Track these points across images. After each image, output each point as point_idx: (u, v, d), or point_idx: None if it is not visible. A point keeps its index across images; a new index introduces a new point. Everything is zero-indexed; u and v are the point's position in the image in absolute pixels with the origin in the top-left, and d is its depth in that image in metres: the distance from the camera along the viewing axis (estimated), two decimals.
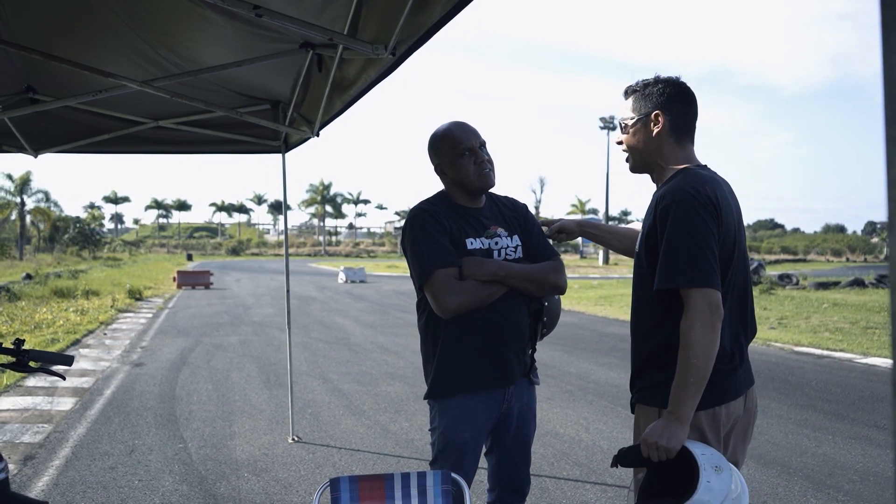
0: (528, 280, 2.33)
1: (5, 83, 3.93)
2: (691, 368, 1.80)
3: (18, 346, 2.25)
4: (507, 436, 2.43)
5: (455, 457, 2.33)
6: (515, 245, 2.40)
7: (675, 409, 1.82)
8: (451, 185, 2.41)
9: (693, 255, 1.81)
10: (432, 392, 2.37)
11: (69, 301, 16.64)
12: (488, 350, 2.31)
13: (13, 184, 49.69)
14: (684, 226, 1.83)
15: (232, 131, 4.88)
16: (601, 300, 18.80)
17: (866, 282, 23.08)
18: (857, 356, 9.41)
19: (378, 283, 27.34)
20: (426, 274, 2.26)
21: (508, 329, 2.33)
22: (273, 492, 4.16)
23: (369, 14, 2.65)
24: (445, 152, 2.37)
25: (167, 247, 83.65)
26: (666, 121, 1.99)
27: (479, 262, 2.28)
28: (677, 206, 1.85)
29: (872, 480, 4.39)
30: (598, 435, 5.41)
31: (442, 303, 2.23)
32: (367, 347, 10.04)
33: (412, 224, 2.35)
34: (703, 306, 1.80)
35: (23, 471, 4.50)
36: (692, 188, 1.86)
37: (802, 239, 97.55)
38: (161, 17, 3.04)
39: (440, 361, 2.33)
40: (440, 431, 2.35)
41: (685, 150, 2.03)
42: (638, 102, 2.03)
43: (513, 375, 2.36)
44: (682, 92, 2.02)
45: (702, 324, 1.79)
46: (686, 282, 1.81)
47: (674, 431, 1.82)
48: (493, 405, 2.36)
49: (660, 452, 1.83)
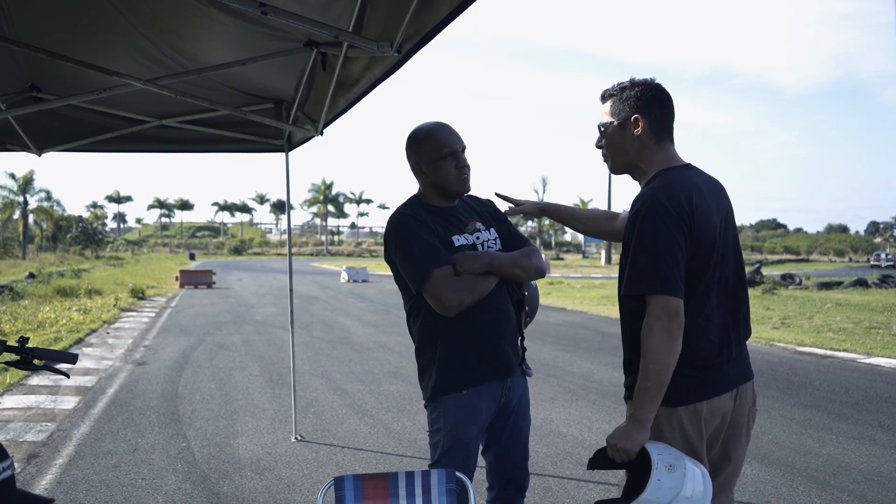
0: (518, 266, 2.39)
1: (9, 82, 3.93)
2: (649, 373, 1.86)
3: (23, 343, 2.25)
4: (504, 431, 2.44)
5: (462, 455, 2.33)
6: (494, 237, 2.46)
7: (635, 411, 1.89)
8: (428, 186, 2.42)
9: (655, 262, 1.86)
10: (435, 394, 2.36)
11: (72, 300, 16.67)
12: (487, 344, 2.34)
13: (16, 183, 49.80)
14: (649, 234, 1.88)
15: (235, 130, 4.88)
16: (603, 300, 18.78)
17: (869, 282, 23.03)
18: (860, 356, 9.39)
19: (380, 282, 27.33)
20: (423, 276, 2.25)
21: (503, 321, 2.38)
22: (276, 490, 4.15)
23: (374, 12, 2.65)
24: (427, 152, 2.37)
25: (170, 246, 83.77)
26: (645, 124, 2.02)
27: (472, 257, 2.32)
28: (644, 215, 1.90)
29: (877, 481, 4.38)
30: (601, 434, 5.40)
31: (445, 301, 2.24)
32: (369, 347, 10.04)
33: (397, 230, 2.33)
34: (661, 313, 1.85)
35: (26, 469, 4.50)
36: (663, 195, 1.91)
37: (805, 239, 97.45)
38: (165, 16, 3.03)
39: (442, 362, 2.33)
40: (447, 431, 2.33)
41: (665, 151, 2.06)
42: (616, 106, 2.06)
43: (511, 367, 2.41)
44: (658, 94, 2.05)
45: (659, 330, 1.84)
46: (646, 288, 1.87)
47: (631, 434, 1.88)
48: (492, 400, 2.38)
49: (620, 454, 1.89)
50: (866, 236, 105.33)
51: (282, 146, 5.12)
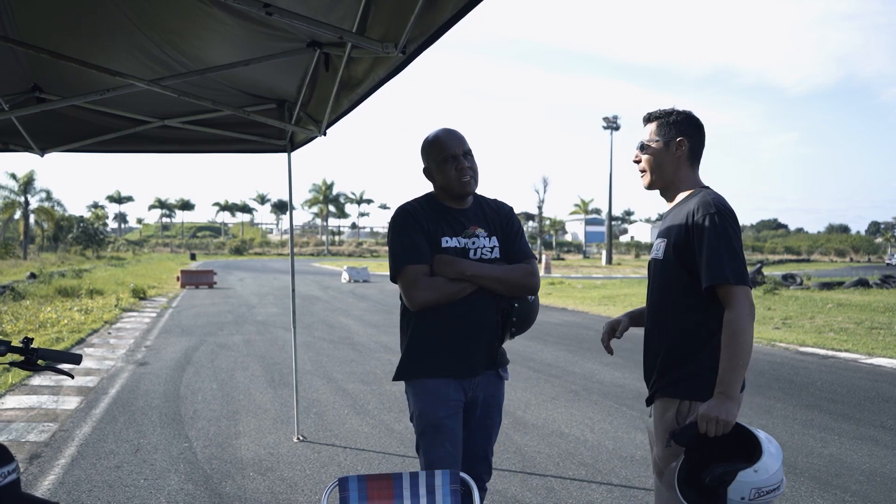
0: (497, 281, 2.48)
1: (12, 82, 3.94)
2: (741, 354, 2.04)
3: (27, 344, 2.25)
4: (471, 424, 2.57)
5: (436, 436, 2.46)
6: (493, 246, 2.55)
7: (726, 389, 2.04)
8: (438, 188, 2.60)
9: (735, 257, 2.09)
10: (399, 373, 2.54)
11: (73, 300, 16.68)
12: (453, 342, 2.47)
13: (17, 183, 49.81)
14: (725, 233, 2.10)
15: (238, 130, 4.88)
16: (605, 300, 18.78)
17: (871, 282, 23.01)
18: (862, 356, 9.38)
19: (381, 282, 27.33)
20: (397, 269, 2.47)
21: (474, 325, 2.49)
22: (279, 491, 4.15)
23: (378, 13, 2.64)
24: (433, 156, 2.55)
25: (170, 246, 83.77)
26: (687, 146, 2.29)
27: (448, 261, 2.45)
28: (717, 217, 2.11)
29: (879, 481, 4.38)
30: (603, 435, 5.39)
31: (410, 297, 2.43)
32: (371, 347, 10.04)
33: (392, 222, 2.55)
34: (746, 301, 2.06)
35: (28, 469, 4.50)
36: (723, 203, 2.16)
37: (806, 239, 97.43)
38: (169, 16, 3.03)
39: (409, 347, 2.52)
40: (417, 414, 2.51)
41: (695, 174, 2.34)
42: (662, 128, 2.30)
43: (475, 368, 2.52)
44: (698, 123, 2.33)
45: (747, 316, 2.05)
46: (734, 279, 2.06)
47: (729, 408, 2.03)
48: (461, 389, 2.51)
49: (718, 426, 2.02)
50: (867, 236, 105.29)
51: (284, 146, 5.12)
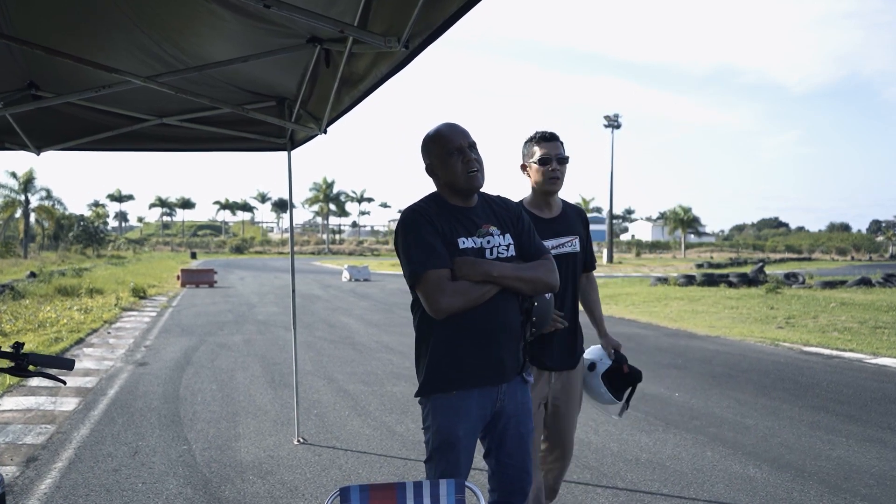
0: (521, 280, 2.35)
1: (7, 79, 3.86)
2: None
3: (17, 349, 2.17)
4: (505, 436, 2.42)
5: (450, 454, 2.34)
6: (508, 243, 2.41)
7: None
8: (442, 186, 2.43)
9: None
10: (423, 390, 2.38)
11: (73, 299, 16.61)
12: (480, 350, 2.32)
13: (17, 182, 49.73)
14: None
15: (237, 128, 4.81)
16: (606, 299, 18.70)
17: (873, 280, 22.92)
18: (867, 356, 9.30)
19: (382, 281, 27.28)
20: (417, 275, 2.28)
21: (501, 329, 2.34)
22: (279, 495, 4.09)
23: (379, 7, 2.57)
24: (436, 152, 2.39)
25: (171, 245, 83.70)
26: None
27: (471, 263, 2.29)
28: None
29: (889, 485, 4.30)
30: (607, 437, 5.32)
31: (434, 303, 2.25)
32: (372, 347, 9.97)
33: (404, 226, 2.36)
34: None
35: (25, 473, 4.44)
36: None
37: (807, 238, 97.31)
38: (165, 12, 2.97)
39: (431, 360, 2.34)
40: (434, 430, 2.36)
41: None
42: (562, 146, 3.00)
43: (506, 374, 2.38)
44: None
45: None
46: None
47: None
48: (487, 403, 2.37)
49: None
50: (868, 235, 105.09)
51: (284, 144, 5.04)
